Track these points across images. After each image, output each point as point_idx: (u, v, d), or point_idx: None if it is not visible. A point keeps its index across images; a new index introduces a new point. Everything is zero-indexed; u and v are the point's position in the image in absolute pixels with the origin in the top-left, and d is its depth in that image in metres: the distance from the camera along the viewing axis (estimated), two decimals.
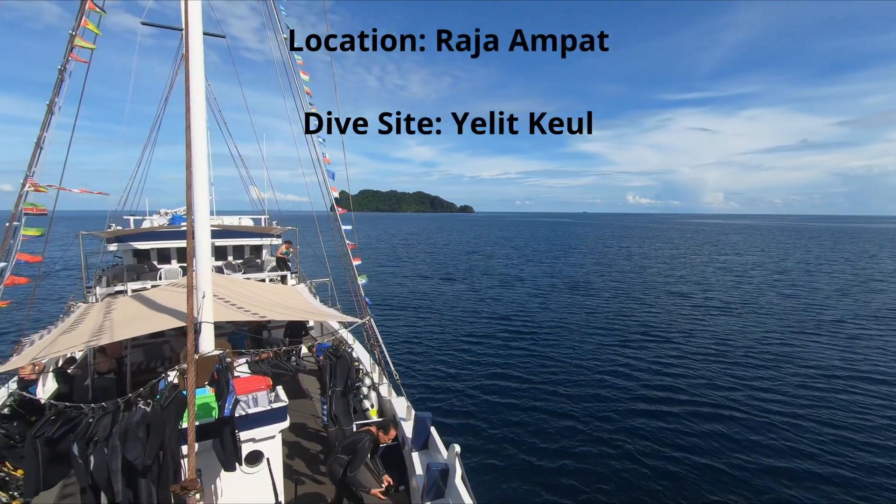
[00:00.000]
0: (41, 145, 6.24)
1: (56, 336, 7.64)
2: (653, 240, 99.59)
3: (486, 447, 11.37)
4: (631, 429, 12.63)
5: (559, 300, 31.27)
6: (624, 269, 49.19)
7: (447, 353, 18.90)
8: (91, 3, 6.39)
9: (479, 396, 14.58)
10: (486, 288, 36.64)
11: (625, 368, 17.35)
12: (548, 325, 24.36)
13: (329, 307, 10.56)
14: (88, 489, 4.74)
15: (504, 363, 17.94)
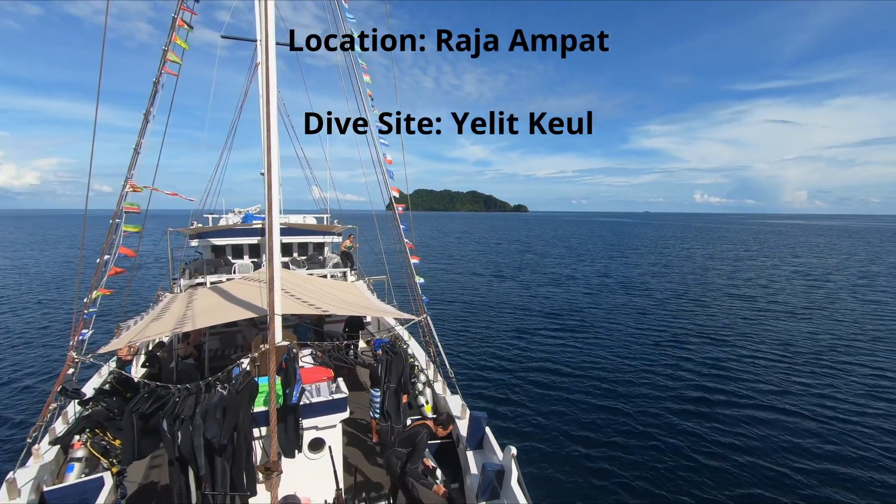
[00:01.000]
0: (139, 150, 6.99)
1: (147, 323, 8.49)
2: (720, 241, 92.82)
3: (541, 448, 11.19)
4: (688, 432, 12.24)
5: (613, 300, 30.47)
6: (683, 270, 46.84)
7: (501, 352, 18.80)
8: (181, 21, 7.05)
9: (533, 396, 14.40)
10: (538, 286, 36.19)
11: (681, 371, 16.85)
12: (602, 324, 23.81)
13: (386, 304, 10.87)
14: (175, 461, 5.23)
15: (558, 363, 17.61)
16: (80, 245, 11.76)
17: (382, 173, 8.44)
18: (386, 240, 12.17)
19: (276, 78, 7.06)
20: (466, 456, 6.28)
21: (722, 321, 24.53)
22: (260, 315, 7.92)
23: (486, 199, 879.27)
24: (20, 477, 5.35)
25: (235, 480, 5.46)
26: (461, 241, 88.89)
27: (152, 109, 7.07)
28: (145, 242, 8.24)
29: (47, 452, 6.12)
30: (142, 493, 6.60)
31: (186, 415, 5.25)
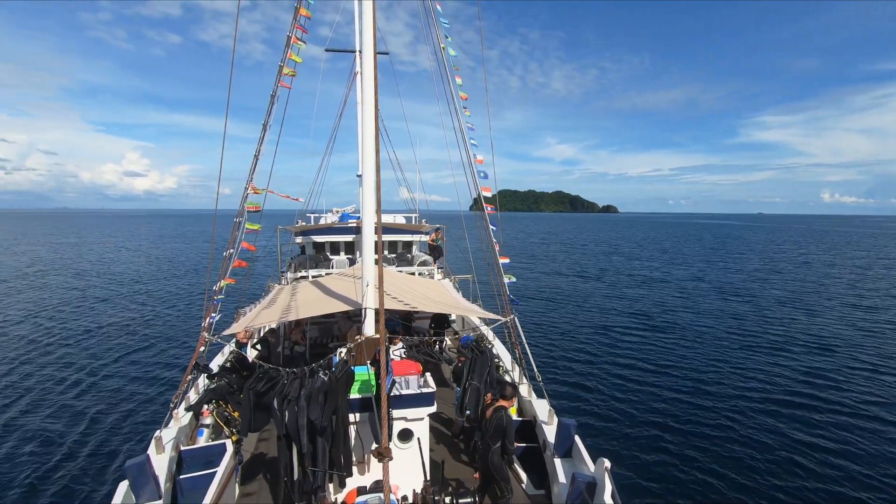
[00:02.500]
0: (258, 157, 7.88)
1: (259, 311, 9.48)
2: (848, 247, 79.53)
3: (632, 460, 10.55)
4: (789, 443, 11.40)
5: (709, 305, 28.34)
6: (795, 277, 41.64)
7: (588, 356, 18.07)
8: (294, 38, 7.81)
9: (622, 403, 13.68)
10: (627, 289, 34.52)
11: (785, 380, 15.65)
12: (697, 331, 22.24)
13: (471, 303, 10.97)
14: (283, 437, 5.79)
15: (650, 370, 16.56)
16: (211, 240, 13.62)
17: (472, 174, 8.53)
18: (471, 239, 12.31)
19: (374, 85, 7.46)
20: (554, 463, 6.11)
21: (835, 331, 22.17)
22: (354, 308, 8.45)
23: (573, 200, 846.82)
24: (164, 436, 6.31)
25: (334, 460, 5.89)
26: (545, 242, 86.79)
27: (269, 120, 7.91)
28: (260, 238, 9.22)
29: (183, 417, 7.12)
30: (254, 462, 7.39)
31: (293, 396, 5.78)
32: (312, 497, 5.81)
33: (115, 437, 11.62)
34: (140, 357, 17.93)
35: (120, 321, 23.78)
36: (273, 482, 6.80)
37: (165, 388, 14.32)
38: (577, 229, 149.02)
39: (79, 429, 12.08)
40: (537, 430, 7.14)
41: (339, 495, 6.06)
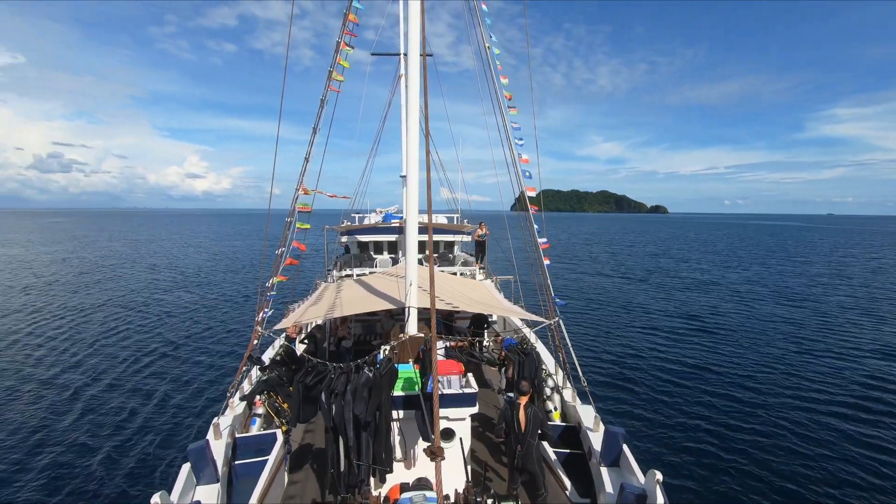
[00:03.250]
0: (308, 159, 8.19)
1: (307, 307, 9.83)
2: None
3: (684, 473, 10.06)
4: (855, 456, 10.63)
5: (766, 310, 26.70)
6: (865, 282, 38.29)
7: (634, 361, 17.43)
8: (343, 43, 8.05)
9: (672, 411, 13.09)
10: (676, 291, 33.16)
11: (851, 389, 14.64)
12: (752, 336, 21.06)
13: (513, 304, 10.86)
14: (330, 430, 5.98)
15: (701, 377, 15.77)
16: (264, 238, 14.30)
17: (517, 173, 8.44)
18: (513, 239, 12.20)
19: (419, 87, 7.54)
20: (600, 472, 5.93)
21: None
22: (397, 307, 8.59)
23: (618, 200, 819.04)
24: (221, 423, 6.69)
25: (377, 455, 6.02)
26: (588, 243, 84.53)
27: (318, 124, 8.20)
28: (308, 237, 9.56)
29: (238, 406, 7.51)
30: (302, 452, 7.68)
31: (339, 390, 5.96)
32: (356, 489, 5.96)
33: (179, 419, 12.51)
34: (202, 345, 19.37)
35: (186, 311, 25.89)
36: (319, 472, 7.03)
37: (223, 376, 15.30)
38: (622, 230, 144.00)
39: (147, 408, 13.14)
40: (582, 437, 6.96)
41: (381, 489, 6.18)
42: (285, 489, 6.75)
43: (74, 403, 13.57)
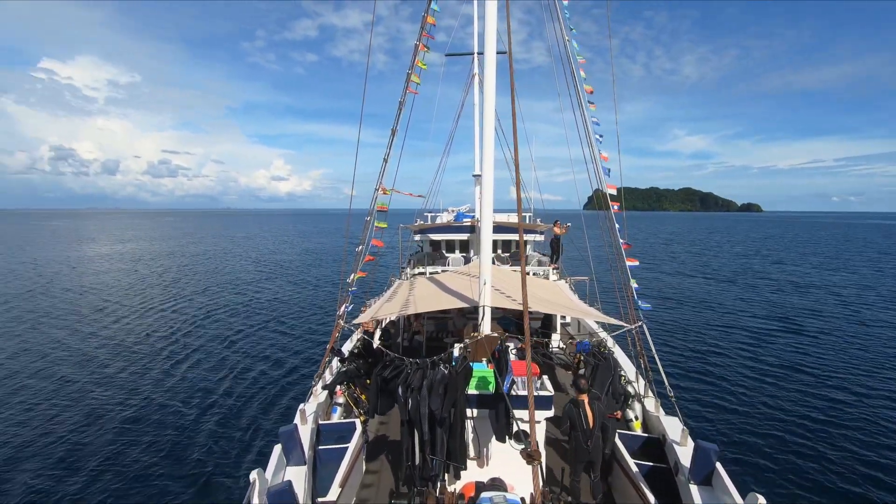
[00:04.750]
0: (386, 160, 8.50)
1: (382, 303, 10.20)
2: None
3: (784, 496, 9.04)
4: None
5: (880, 318, 23.54)
6: None
7: (724, 370, 16.00)
8: (422, 45, 8.24)
9: (771, 427, 11.84)
10: (773, 296, 29.96)
11: None
12: (863, 346, 18.65)
13: (589, 306, 10.42)
14: (406, 423, 6.16)
15: (804, 390, 14.14)
16: (345, 236, 15.28)
17: (597, 170, 8.07)
18: (588, 239, 11.73)
19: (494, 85, 7.47)
20: (689, 490, 5.49)
21: None
22: (469, 305, 8.61)
23: (703, 197, 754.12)
24: (306, 409, 7.15)
25: (451, 451, 6.09)
26: (668, 242, 78.90)
27: (396, 125, 8.46)
28: (384, 235, 9.91)
29: (321, 395, 7.99)
30: (379, 443, 7.99)
31: (415, 385, 6.10)
32: (430, 483, 6.07)
33: (270, 401, 13.63)
34: (293, 333, 21.19)
35: (278, 302, 28.65)
36: (395, 464, 7.27)
37: (309, 364, 16.55)
38: (708, 229, 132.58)
39: (242, 388, 14.55)
40: (667, 450, 6.50)
41: (454, 486, 6.23)
42: (363, 477, 7.06)
43: (176, 378, 15.56)
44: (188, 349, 18.71)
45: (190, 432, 11.82)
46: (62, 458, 10.65)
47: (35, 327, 22.44)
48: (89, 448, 11.09)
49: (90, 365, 16.88)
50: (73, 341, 19.99)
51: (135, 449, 11.08)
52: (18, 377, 15.62)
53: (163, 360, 17.40)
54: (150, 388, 14.63)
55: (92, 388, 14.74)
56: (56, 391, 14.46)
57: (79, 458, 10.66)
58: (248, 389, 14.49)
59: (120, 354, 18.18)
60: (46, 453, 10.87)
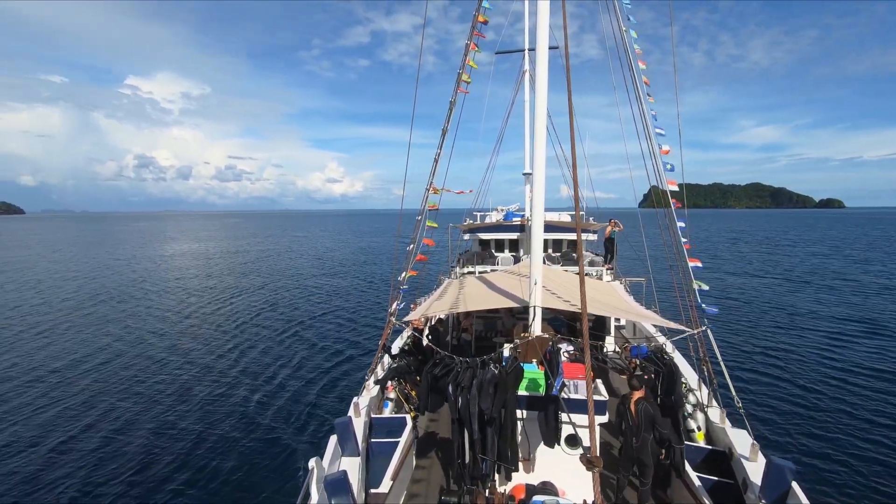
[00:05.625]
0: (437, 160, 8.58)
1: (431, 302, 10.31)
2: None
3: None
4: None
5: None
6: None
7: (798, 380, 14.73)
8: (472, 45, 8.24)
9: (851, 446, 10.75)
10: (855, 300, 27.24)
11: None
12: None
13: (645, 308, 9.94)
14: (456, 422, 6.18)
15: (892, 404, 12.66)
16: (396, 235, 15.81)
17: (657, 166, 7.67)
18: (644, 238, 11.20)
19: (546, 81, 7.31)
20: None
21: None
22: (519, 305, 8.50)
23: (775, 193, 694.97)
24: (360, 402, 7.38)
25: (502, 452, 6.05)
26: (735, 241, 73.64)
27: (447, 125, 8.51)
28: (434, 234, 10.02)
29: (373, 389, 8.21)
30: (428, 439, 8.08)
31: (465, 384, 6.12)
32: (479, 483, 6.07)
33: (326, 393, 14.33)
34: (348, 327, 22.35)
35: (334, 297, 30.36)
36: (444, 460, 7.32)
37: (363, 358, 17.26)
38: (780, 227, 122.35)
39: (300, 379, 15.42)
40: (734, 465, 6.07)
41: (505, 487, 6.19)
42: (413, 472, 7.17)
43: (243, 364, 16.97)
44: (255, 338, 20.64)
45: (253, 415, 12.82)
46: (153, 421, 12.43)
47: (134, 314, 25.88)
48: (173, 424, 12.41)
49: (176, 351, 18.97)
50: (164, 326, 23.10)
51: (205, 426, 12.18)
52: (125, 357, 18.18)
53: (232, 348, 19.17)
54: (221, 372, 16.21)
55: (179, 370, 16.54)
56: (144, 370, 16.67)
57: (162, 429, 12.00)
58: (307, 378, 15.46)
59: (199, 340, 20.48)
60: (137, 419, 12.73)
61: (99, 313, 26.07)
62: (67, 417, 12.83)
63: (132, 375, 16.02)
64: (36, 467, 10.46)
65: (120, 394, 14.41)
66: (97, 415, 12.97)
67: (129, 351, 18.90)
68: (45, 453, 11.03)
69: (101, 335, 21.37)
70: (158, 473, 10.15)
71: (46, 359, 17.90)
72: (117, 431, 12.04)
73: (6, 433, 12.03)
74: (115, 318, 25.00)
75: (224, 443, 11.35)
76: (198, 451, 11.02)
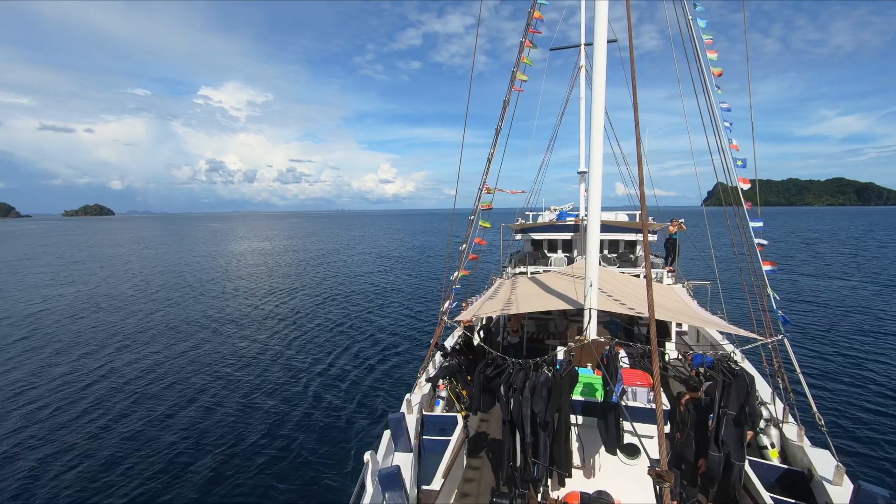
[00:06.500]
0: (490, 159, 8.54)
1: (483, 302, 10.27)
2: None
3: None
4: None
5: None
6: None
7: (887, 397, 13.22)
8: (528, 42, 8.12)
9: None
10: None
11: None
12: None
13: (710, 314, 9.33)
14: (507, 423, 6.13)
15: None
16: (449, 235, 16.13)
17: (727, 161, 7.14)
18: (710, 238, 10.51)
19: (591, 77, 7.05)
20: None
21: None
22: (573, 307, 8.27)
23: (861, 189, 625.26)
24: (412, 399, 7.51)
25: (556, 457, 5.91)
26: (813, 242, 67.19)
27: (501, 125, 8.44)
28: (486, 234, 9.97)
29: (425, 387, 8.33)
30: (479, 439, 8.08)
31: (518, 386, 6.04)
32: (531, 487, 5.97)
33: (380, 388, 14.79)
34: (402, 323, 23.03)
35: (390, 294, 31.44)
36: (495, 462, 7.28)
37: (417, 353, 17.75)
38: (866, 226, 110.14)
39: (355, 372, 16.05)
40: (814, 488, 5.56)
41: (558, 493, 6.06)
42: (464, 472, 7.20)
43: (302, 356, 17.95)
44: (317, 328, 22.26)
45: (309, 406, 13.51)
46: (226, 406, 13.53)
47: (213, 305, 28.62)
48: (251, 403, 13.66)
49: (253, 339, 20.77)
50: (240, 317, 25.39)
51: (265, 414, 13.04)
52: (208, 344, 20.13)
53: (298, 336, 20.90)
54: (287, 357, 17.73)
55: (254, 359, 18.00)
56: (226, 354, 18.60)
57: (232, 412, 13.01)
58: (363, 369, 16.24)
59: (270, 330, 22.30)
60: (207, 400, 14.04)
61: (184, 304, 29.12)
62: (160, 391, 14.73)
63: (220, 358, 18.00)
64: (152, 431, 12.01)
65: (209, 374, 16.34)
66: (193, 391, 14.77)
67: (212, 339, 21.08)
68: (156, 419, 12.80)
69: (188, 323, 24.04)
70: (239, 451, 11.08)
71: (149, 341, 20.62)
72: (217, 404, 13.70)
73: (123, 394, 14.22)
74: (197, 308, 27.81)
75: (292, 423, 12.37)
76: (281, 428, 12.09)
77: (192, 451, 11.15)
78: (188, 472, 10.29)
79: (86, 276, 41.48)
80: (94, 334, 21.77)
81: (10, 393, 14.65)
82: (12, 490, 9.77)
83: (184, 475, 10.19)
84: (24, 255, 65.16)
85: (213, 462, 10.66)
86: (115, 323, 24.00)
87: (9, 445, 11.52)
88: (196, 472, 10.31)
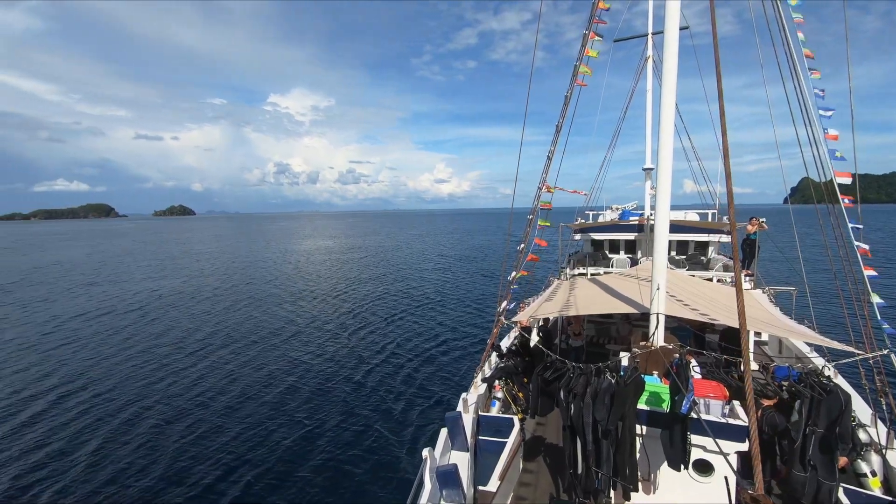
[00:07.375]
0: (550, 158, 8.32)
1: (541, 303, 10.03)
2: None
3: None
4: None
5: None
6: None
7: None
8: (593, 33, 7.81)
9: None
10: None
11: None
12: None
13: (796, 323, 8.45)
14: (567, 429, 5.94)
15: None
16: (507, 235, 15.97)
17: (821, 155, 6.40)
18: (797, 239, 9.52)
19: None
20: None
21: None
22: (637, 311, 7.84)
23: None
24: (469, 399, 7.50)
25: (619, 468, 5.64)
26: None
27: (562, 121, 8.19)
28: (545, 234, 9.73)
29: (481, 387, 8.29)
30: (536, 443, 7.91)
31: (578, 391, 5.82)
32: (592, 497, 5.75)
33: (437, 387, 15.03)
34: (460, 321, 23.49)
35: (448, 292, 32.24)
36: (553, 467, 7.09)
37: (474, 350, 18.04)
38: None
39: (413, 369, 16.47)
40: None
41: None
42: (520, 475, 7.07)
43: (364, 348, 18.92)
44: (379, 322, 23.36)
45: (371, 400, 14.05)
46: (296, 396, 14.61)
47: (284, 299, 30.76)
48: (314, 394, 14.69)
49: (323, 330, 22.33)
50: (312, 309, 27.33)
51: (329, 407, 13.73)
52: (280, 336, 21.68)
53: (360, 328, 22.24)
54: (350, 349, 18.84)
55: (320, 350, 19.18)
56: (297, 346, 19.91)
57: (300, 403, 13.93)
58: (421, 365, 16.70)
59: (336, 322, 23.78)
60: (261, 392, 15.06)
61: (265, 298, 31.52)
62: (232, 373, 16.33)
63: (294, 348, 19.40)
64: (208, 421, 12.98)
65: (281, 362, 17.68)
66: (257, 380, 15.95)
67: (285, 329, 22.87)
68: (213, 405, 13.96)
69: (263, 314, 26.27)
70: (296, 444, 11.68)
71: (230, 331, 22.70)
72: (288, 390, 14.84)
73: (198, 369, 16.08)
74: (274, 302, 30.15)
75: (353, 415, 13.00)
76: (325, 430, 12.54)
77: (253, 433, 12.19)
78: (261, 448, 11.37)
79: (186, 270, 46.71)
80: (195, 321, 24.53)
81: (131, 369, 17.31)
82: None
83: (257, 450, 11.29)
84: (125, 250, 75.17)
85: (292, 441, 11.58)
86: (209, 311, 26.97)
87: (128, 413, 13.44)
88: (273, 449, 11.35)
